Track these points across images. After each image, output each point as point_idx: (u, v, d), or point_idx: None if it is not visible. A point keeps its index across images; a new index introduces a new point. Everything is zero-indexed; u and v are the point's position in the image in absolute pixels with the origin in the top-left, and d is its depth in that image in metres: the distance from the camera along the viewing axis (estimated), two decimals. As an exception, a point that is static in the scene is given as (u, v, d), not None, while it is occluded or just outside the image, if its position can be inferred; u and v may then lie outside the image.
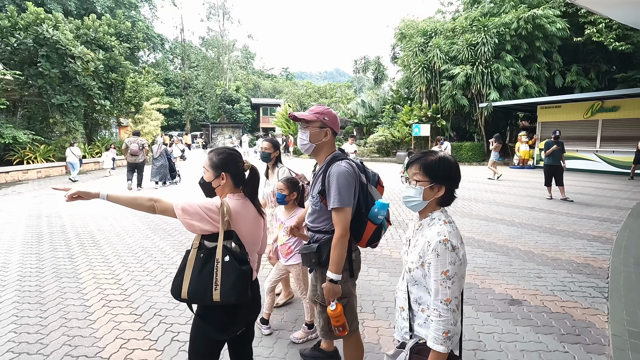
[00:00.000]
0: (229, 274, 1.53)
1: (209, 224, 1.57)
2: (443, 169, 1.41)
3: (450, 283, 1.29)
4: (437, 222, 1.40)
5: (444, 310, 1.29)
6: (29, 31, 13.81)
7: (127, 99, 18.60)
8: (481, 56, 17.02)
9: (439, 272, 1.30)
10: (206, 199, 1.63)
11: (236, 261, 1.57)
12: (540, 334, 2.81)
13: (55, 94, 14.52)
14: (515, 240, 5.24)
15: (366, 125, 26.85)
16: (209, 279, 1.53)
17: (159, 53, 41.89)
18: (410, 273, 1.42)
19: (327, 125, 1.96)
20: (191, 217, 1.55)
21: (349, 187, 1.83)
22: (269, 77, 60.51)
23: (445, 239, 1.32)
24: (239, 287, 1.55)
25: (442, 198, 1.44)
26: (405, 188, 1.49)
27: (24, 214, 7.47)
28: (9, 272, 4.26)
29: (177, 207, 1.55)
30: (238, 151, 1.80)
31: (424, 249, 1.36)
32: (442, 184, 1.41)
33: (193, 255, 1.59)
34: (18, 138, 12.98)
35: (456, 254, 1.31)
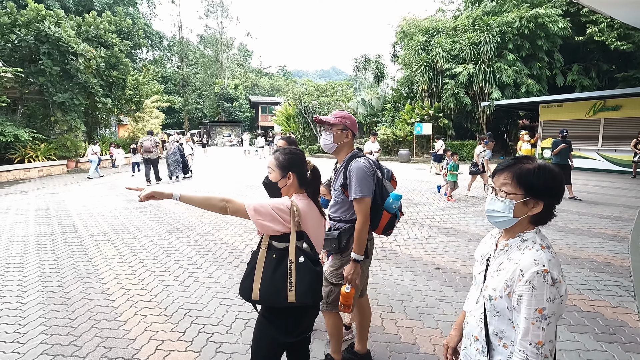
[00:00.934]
0: (304, 274, 1.53)
1: (280, 225, 1.56)
2: (544, 180, 1.15)
3: (546, 324, 1.06)
4: (532, 246, 1.16)
5: (533, 354, 1.08)
6: (30, 28, 13.64)
7: (127, 97, 18.47)
8: (484, 55, 17.07)
9: (532, 309, 1.07)
10: (276, 200, 1.62)
11: (310, 262, 1.56)
12: (575, 333, 2.82)
13: (56, 91, 14.37)
14: (531, 239, 5.25)
15: (367, 123, 26.85)
16: (283, 280, 1.52)
17: (157, 51, 41.59)
18: (491, 302, 1.19)
19: (348, 127, 2.22)
20: (263, 217, 1.53)
21: (367, 179, 2.08)
22: (266, 75, 60.35)
23: (545, 269, 1.08)
24: (314, 287, 1.55)
25: (538, 215, 1.18)
26: (490, 200, 1.24)
27: (31, 213, 7.39)
28: (28, 272, 4.21)
29: (249, 208, 1.53)
30: (302, 151, 1.78)
31: (513, 277, 1.13)
32: (540, 199, 1.16)
33: (263, 256, 1.58)
34: (19, 136, 12.85)
35: (557, 289, 1.07)
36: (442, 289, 3.63)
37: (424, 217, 6.70)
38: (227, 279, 3.94)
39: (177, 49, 46.35)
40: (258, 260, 1.58)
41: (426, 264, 4.34)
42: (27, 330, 2.95)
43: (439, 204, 7.90)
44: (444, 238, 5.36)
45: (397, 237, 5.42)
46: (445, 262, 4.37)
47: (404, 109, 21.33)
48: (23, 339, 2.83)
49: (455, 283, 3.78)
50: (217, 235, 5.65)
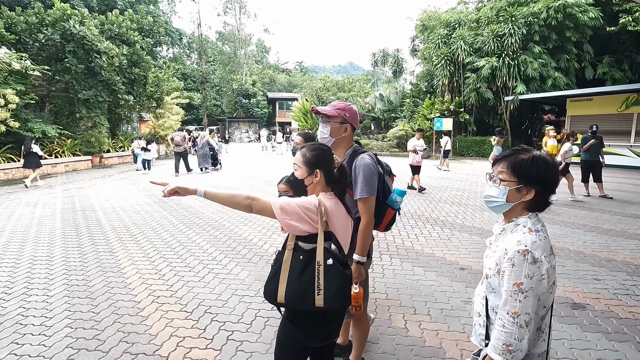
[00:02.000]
0: (333, 278, 1.44)
1: (308, 224, 1.48)
2: (536, 169, 1.25)
3: (523, 297, 1.17)
4: (521, 229, 1.26)
5: (508, 322, 1.20)
6: (56, 27, 14.04)
7: (148, 93, 18.82)
8: (508, 47, 16.48)
9: (511, 283, 1.19)
10: (303, 198, 1.54)
11: (339, 264, 1.48)
12: (614, 342, 2.64)
13: (81, 89, 14.78)
14: (561, 240, 5.02)
15: (385, 119, 26.50)
16: (310, 283, 1.44)
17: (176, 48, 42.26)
18: (488, 280, 1.33)
19: (347, 121, 2.07)
20: (290, 217, 1.45)
21: (373, 178, 1.98)
22: (283, 71, 60.43)
23: (526, 249, 1.18)
24: (343, 292, 1.46)
25: (532, 202, 1.28)
26: (488, 186, 1.36)
27: (58, 207, 7.62)
28: (55, 265, 4.32)
29: (275, 207, 1.45)
30: (330, 148, 1.70)
31: (501, 256, 1.26)
32: (532, 186, 1.26)
33: (289, 257, 1.51)
34: (47, 132, 13.29)
35: (537, 267, 1.17)
36: (467, 291, 3.49)
37: (446, 215, 6.51)
38: (247, 275, 3.92)
39: (196, 46, 46.90)
40: (284, 261, 1.50)
41: (450, 264, 4.19)
42: (52, 323, 3.01)
43: (461, 201, 7.67)
44: (467, 237, 5.18)
45: (419, 236, 5.28)
46: (469, 263, 4.22)
47: (424, 104, 20.90)
48: (49, 332, 2.88)
49: (481, 285, 3.62)
50: (236, 231, 5.66)
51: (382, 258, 4.41)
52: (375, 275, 3.89)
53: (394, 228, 5.70)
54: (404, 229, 5.67)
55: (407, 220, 6.14)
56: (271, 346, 2.64)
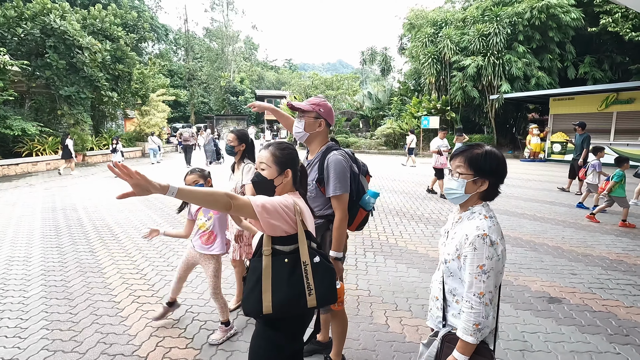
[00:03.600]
0: (322, 275, 1.43)
1: (287, 224, 1.43)
2: (489, 163, 1.38)
3: (486, 277, 1.28)
4: (478, 216, 1.38)
5: (476, 303, 1.29)
6: (36, 21, 13.65)
7: (133, 90, 18.46)
8: (493, 47, 16.73)
9: (474, 266, 1.29)
10: (280, 197, 1.48)
11: (325, 260, 1.47)
12: (587, 334, 2.72)
13: (62, 85, 14.41)
14: (541, 236, 5.14)
15: (373, 117, 26.64)
16: (300, 285, 1.40)
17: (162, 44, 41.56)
18: (447, 264, 1.42)
19: (322, 116, 2.08)
20: (272, 216, 1.38)
21: (345, 175, 1.99)
22: (272, 68, 60.03)
23: (484, 233, 1.30)
24: (334, 286, 1.47)
25: (485, 192, 1.41)
26: (448, 180, 1.47)
27: (38, 207, 7.43)
28: (32, 265, 4.22)
29: (256, 205, 1.35)
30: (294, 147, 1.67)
31: (461, 241, 1.35)
32: (486, 178, 1.39)
33: (269, 264, 1.42)
34: (27, 130, 12.91)
35: (494, 249, 1.29)
36: (448, 287, 3.54)
37: (430, 212, 6.59)
38: (230, 274, 3.90)
39: (183, 42, 46.23)
40: (264, 269, 1.41)
41: (433, 260, 4.25)
42: (28, 325, 2.94)
43: (445, 199, 7.77)
44: (450, 234, 5.25)
45: (403, 233, 5.33)
46: (451, 259, 4.27)
47: (411, 102, 21.07)
48: (24, 333, 2.81)
49: (462, 280, 3.68)
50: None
51: (366, 255, 4.44)
52: (358, 272, 3.92)
53: (378, 225, 5.75)
54: (388, 226, 5.71)
55: (392, 218, 6.19)
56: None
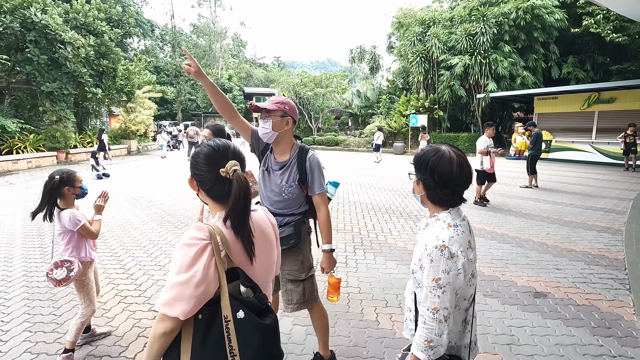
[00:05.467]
0: (248, 336, 1.05)
1: (212, 284, 1.07)
2: (422, 162, 1.31)
3: (441, 292, 1.18)
4: (440, 225, 1.28)
5: (429, 319, 1.21)
6: (15, 15, 13.21)
7: (118, 87, 18.08)
8: (480, 46, 16.94)
9: (430, 279, 1.20)
10: (184, 247, 1.07)
11: (255, 314, 1.08)
12: (571, 327, 2.79)
13: (44, 81, 14.00)
14: (526, 232, 5.24)
15: (362, 115, 26.72)
16: (220, 350, 1.05)
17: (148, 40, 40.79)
18: (413, 275, 1.32)
19: (288, 114, 2.07)
20: (194, 302, 1.03)
21: (323, 173, 2.13)
22: (260, 66, 59.64)
23: (443, 244, 1.20)
24: (267, 350, 1.09)
25: (435, 197, 1.30)
26: None
27: (19, 206, 7.22)
28: (14, 266, 4.09)
29: (168, 311, 1.02)
30: (225, 146, 1.25)
31: (421, 251, 1.27)
32: (420, 179, 1.33)
33: (190, 318, 1.07)
34: (6, 127, 12.53)
35: (453, 262, 1.19)
36: (437, 283, 3.58)
37: (419, 210, 6.65)
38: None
39: (170, 38, 45.41)
40: (184, 325, 1.07)
41: (421, 257, 4.28)
42: (10, 327, 2.85)
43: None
44: (439, 231, 5.31)
45: (392, 230, 5.37)
46: (440, 255, 4.32)
47: (400, 100, 21.20)
48: (5, 336, 2.73)
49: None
50: (209, 228, 5.55)
51: (355, 252, 4.45)
52: (348, 269, 3.93)
53: (368, 222, 5.77)
54: (378, 223, 5.74)
55: (381, 215, 6.23)
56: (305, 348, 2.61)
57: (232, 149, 1.21)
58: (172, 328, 1.04)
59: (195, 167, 1.19)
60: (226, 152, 1.19)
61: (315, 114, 24.86)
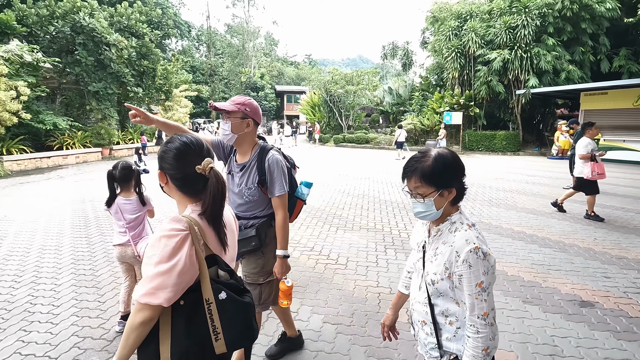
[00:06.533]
0: (232, 314, 1.13)
1: (192, 270, 1.11)
2: (444, 170, 1.24)
3: (486, 295, 1.18)
4: (461, 227, 1.26)
5: (482, 326, 1.18)
6: (66, 19, 14.13)
7: (157, 86, 18.89)
8: (520, 40, 16.10)
9: (473, 285, 1.17)
10: (163, 234, 1.10)
11: (235, 294, 1.16)
12: (623, 341, 2.59)
13: (91, 81, 14.90)
14: (571, 236, 4.92)
15: (393, 113, 26.28)
16: (204, 330, 1.10)
17: (185, 41, 42.32)
18: (434, 286, 1.28)
19: (248, 115, 1.99)
20: (177, 288, 1.07)
21: (285, 174, 2.05)
22: (292, 64, 60.18)
23: (476, 246, 1.18)
24: (250, 325, 1.17)
25: (456, 197, 1.29)
26: (413, 204, 1.31)
27: (68, 198, 7.73)
28: (63, 255, 4.39)
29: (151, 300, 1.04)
30: (193, 143, 1.29)
31: (450, 259, 1.22)
32: (451, 186, 1.26)
33: (168, 307, 1.09)
34: (58, 125, 13.45)
35: (488, 261, 1.18)
36: (472, 287, 3.45)
37: (453, 210, 6.43)
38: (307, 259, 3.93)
39: (205, 38, 46.92)
40: (162, 314, 1.10)
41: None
42: (59, 311, 3.06)
43: (469, 196, 7.58)
44: (474, 232, 5.11)
45: (425, 230, 5.23)
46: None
47: (433, 97, 20.64)
48: (56, 319, 2.93)
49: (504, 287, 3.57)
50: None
51: (386, 252, 4.38)
52: (379, 269, 3.87)
53: (399, 222, 5.66)
54: (409, 223, 5.62)
55: (412, 215, 6.08)
56: (273, 338, 2.64)
57: (206, 146, 1.27)
58: (152, 317, 1.07)
59: (169, 162, 1.22)
60: (201, 149, 1.24)
61: (345, 112, 24.73)
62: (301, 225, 5.51)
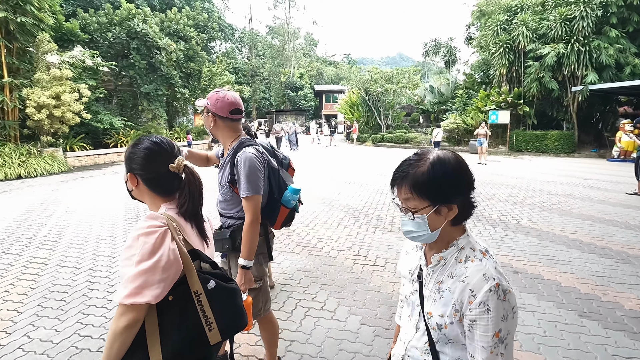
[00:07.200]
0: (223, 302, 1.12)
1: (177, 265, 1.09)
2: (444, 180, 0.92)
3: (504, 347, 0.89)
4: (472, 256, 0.96)
5: None
6: (122, 26, 15.21)
7: (202, 87, 19.79)
8: (578, 32, 14.93)
9: (489, 335, 0.88)
10: (146, 244, 1.05)
11: (222, 281, 1.16)
12: (700, 367, 2.30)
13: (143, 83, 15.92)
14: (636, 247, 4.47)
15: (434, 112, 25.50)
16: (196, 324, 1.08)
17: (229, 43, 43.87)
18: (441, 331, 0.98)
19: (210, 111, 1.87)
20: (164, 281, 1.05)
21: (257, 174, 1.82)
22: (331, 63, 60.30)
23: (497, 283, 0.89)
24: (239, 310, 1.17)
25: (458, 216, 0.97)
26: (402, 220, 1.01)
27: (121, 192, 8.30)
28: (117, 244, 4.71)
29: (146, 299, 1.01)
30: (162, 142, 1.25)
31: (462, 299, 0.93)
32: (451, 201, 0.94)
33: (153, 307, 1.06)
34: (114, 124, 14.52)
35: (509, 302, 0.89)
36: (521, 296, 3.24)
37: (499, 213, 6.10)
38: (289, 265, 3.98)
39: (247, 40, 48.35)
40: (147, 316, 1.05)
41: (502, 266, 3.90)
42: (114, 297, 3.28)
43: (517, 199, 7.15)
44: (522, 238, 4.81)
45: (468, 234, 5.00)
46: (524, 266, 3.91)
47: (478, 95, 19.73)
48: (110, 305, 3.15)
49: (538, 290, 3.34)
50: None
51: (427, 255, 4.24)
52: (419, 272, 3.75)
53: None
54: (452, 226, 5.40)
55: (455, 218, 5.84)
56: (311, 336, 2.65)
57: (177, 146, 1.26)
58: (137, 319, 1.01)
59: (139, 163, 1.17)
60: (173, 148, 1.22)
61: (384, 111, 24.36)
62: (339, 224, 5.49)
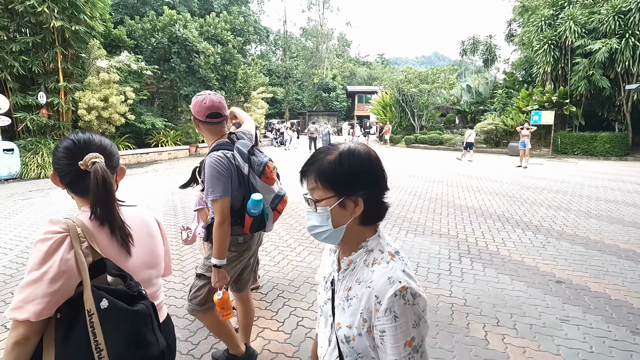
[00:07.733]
0: (115, 324, 0.96)
1: (73, 279, 0.98)
2: (350, 170, 0.86)
3: (419, 357, 0.81)
4: (380, 258, 0.88)
5: None
6: (165, 31, 15.99)
7: (238, 89, 20.32)
8: (633, 26, 13.82)
9: (400, 345, 0.79)
10: (39, 246, 0.98)
11: (122, 300, 0.99)
12: None
13: (182, 85, 16.62)
14: (699, 260, 4.06)
15: (471, 112, 24.59)
16: (85, 348, 0.94)
17: (263, 45, 44.82)
18: (349, 344, 0.88)
19: (194, 114, 1.96)
20: (53, 298, 0.95)
21: (219, 178, 1.85)
22: (364, 64, 59.88)
23: (403, 287, 0.80)
24: (138, 337, 0.99)
25: (366, 214, 0.89)
26: (307, 214, 0.94)
27: (161, 190, 8.72)
28: (156, 240, 4.94)
29: (26, 316, 0.93)
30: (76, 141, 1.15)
31: (369, 307, 0.84)
32: (356, 193, 0.87)
33: (52, 321, 0.99)
34: (155, 124, 15.28)
35: (418, 305, 0.81)
36: (564, 308, 3.04)
37: (541, 219, 5.77)
38: (313, 260, 3.99)
39: (281, 42, 49.14)
40: (45, 331, 0.98)
41: (543, 275, 3.70)
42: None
43: (561, 205, 6.72)
44: (567, 246, 4.52)
45: (506, 240, 4.77)
46: (569, 276, 3.66)
47: (519, 95, 18.79)
48: (148, 296, 3.30)
49: (584, 302, 3.12)
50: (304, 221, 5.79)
51: (461, 261, 4.09)
52: (452, 278, 3.63)
53: (476, 229, 5.26)
54: (488, 231, 5.18)
55: (492, 222, 5.60)
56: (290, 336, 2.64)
57: (96, 143, 1.14)
58: (25, 335, 0.93)
59: (54, 161, 1.12)
60: (88, 145, 1.12)
61: (418, 111, 23.81)
62: (369, 226, 5.44)
